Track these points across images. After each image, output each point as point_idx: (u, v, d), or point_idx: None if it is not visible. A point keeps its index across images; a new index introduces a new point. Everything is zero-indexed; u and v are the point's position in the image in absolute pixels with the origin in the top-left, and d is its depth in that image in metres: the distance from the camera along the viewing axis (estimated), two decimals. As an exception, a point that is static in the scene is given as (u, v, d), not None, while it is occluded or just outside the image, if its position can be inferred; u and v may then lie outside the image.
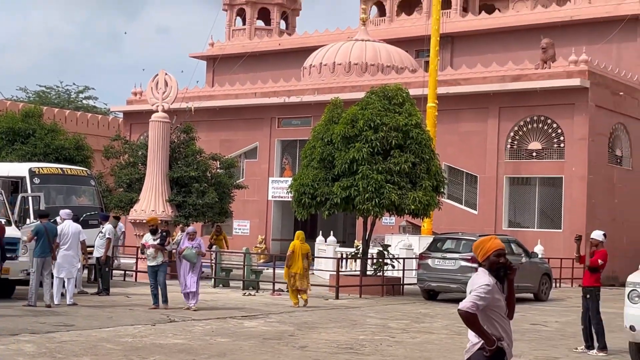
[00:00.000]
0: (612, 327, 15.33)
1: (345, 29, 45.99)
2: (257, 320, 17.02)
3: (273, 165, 41.16)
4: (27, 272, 19.50)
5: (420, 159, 23.68)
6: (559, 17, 39.82)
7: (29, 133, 32.26)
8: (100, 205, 24.61)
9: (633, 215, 35.48)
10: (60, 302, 18.06)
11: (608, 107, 34.69)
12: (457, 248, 22.84)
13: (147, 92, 30.01)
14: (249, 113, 41.61)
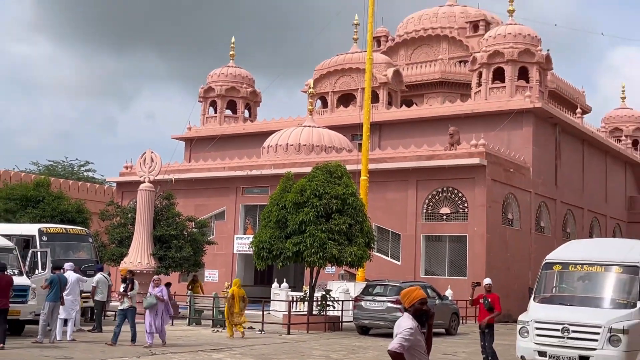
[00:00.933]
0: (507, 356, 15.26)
1: (296, 117, 46.23)
2: (223, 353, 16.75)
3: (238, 225, 40.97)
4: (35, 313, 19.10)
5: (355, 221, 23.75)
6: (462, 110, 40.47)
7: (39, 199, 32.03)
8: (97, 258, 24.37)
9: (521, 265, 35.88)
10: (62, 338, 17.57)
11: (501, 180, 35.18)
12: (385, 292, 22.81)
13: (136, 167, 29.77)
14: (219, 183, 41.58)
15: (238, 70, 52.12)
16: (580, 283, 12.50)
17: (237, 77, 51.69)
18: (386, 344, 19.57)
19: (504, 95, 40.37)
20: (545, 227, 40.06)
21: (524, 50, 40.64)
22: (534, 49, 40.94)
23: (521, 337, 12.32)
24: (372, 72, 36.04)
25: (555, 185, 40.87)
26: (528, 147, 38.48)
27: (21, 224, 25.57)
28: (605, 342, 11.21)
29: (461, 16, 53.12)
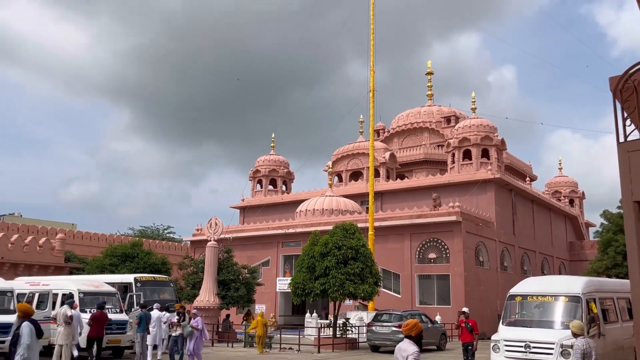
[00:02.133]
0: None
1: (320, 189, 46.41)
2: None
3: (279, 270, 40.71)
4: (131, 341, 19.00)
5: (365, 265, 23.54)
6: (441, 181, 40.50)
7: (134, 255, 32.18)
8: (176, 298, 24.18)
9: (491, 296, 35.26)
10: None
11: (473, 232, 34.89)
12: (390, 319, 22.42)
13: (204, 229, 29.82)
14: (265, 239, 41.53)
15: (277, 157, 52.73)
16: (537, 310, 12.28)
17: (277, 161, 52.25)
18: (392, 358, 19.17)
19: (471, 170, 40.44)
20: (508, 266, 39.44)
21: (484, 137, 40.88)
22: (492, 135, 41.17)
23: (494, 352, 12.06)
24: (374, 156, 36.31)
25: (513, 235, 40.38)
26: (491, 207, 38.26)
27: (121, 274, 25.68)
28: (558, 355, 10.99)
29: (437, 113, 53.79)
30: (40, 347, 9.80)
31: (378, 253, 31.60)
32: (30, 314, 9.35)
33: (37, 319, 18.17)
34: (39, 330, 9.21)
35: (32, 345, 8.98)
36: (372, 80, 33.09)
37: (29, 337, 8.92)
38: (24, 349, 8.89)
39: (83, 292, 19.10)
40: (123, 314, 19.40)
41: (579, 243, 51.46)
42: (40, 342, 18.07)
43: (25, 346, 8.91)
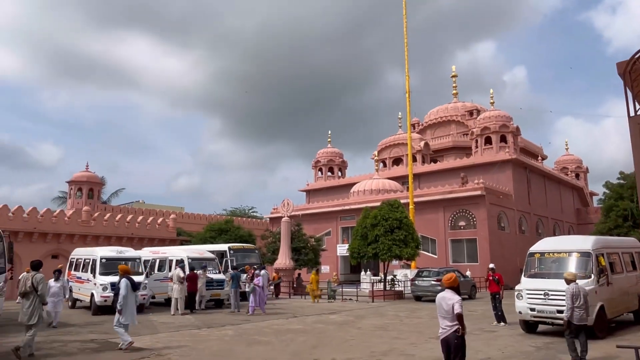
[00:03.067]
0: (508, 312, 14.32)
1: (368, 174, 45.85)
2: (335, 315, 16.38)
3: (338, 239, 40.62)
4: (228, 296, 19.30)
5: (408, 233, 22.98)
6: (468, 163, 39.22)
7: (227, 230, 32.65)
8: (260, 262, 24.42)
9: (511, 255, 33.91)
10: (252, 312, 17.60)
11: (495, 203, 33.66)
12: (429, 275, 21.99)
13: (279, 208, 30.07)
14: (326, 215, 41.42)
15: (333, 149, 52.40)
16: (553, 264, 11.64)
17: (333, 153, 51.95)
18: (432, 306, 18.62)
19: (492, 153, 38.91)
20: (525, 230, 37.84)
21: (502, 125, 39.18)
22: (508, 124, 39.41)
23: (518, 299, 11.53)
24: (412, 145, 35.50)
25: (529, 204, 38.68)
26: (510, 183, 36.74)
27: (218, 244, 26.21)
28: (573, 301, 10.36)
29: (462, 108, 51.92)
30: (136, 298, 10.20)
31: (417, 223, 30.93)
32: (129, 272, 9.90)
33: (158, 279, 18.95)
34: (134, 284, 9.79)
35: (128, 296, 9.56)
36: (407, 84, 32.29)
37: (125, 289, 9.56)
38: (121, 298, 9.54)
39: (191, 258, 19.59)
40: (221, 274, 19.77)
41: (584, 209, 48.82)
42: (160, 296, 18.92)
43: (122, 296, 9.53)
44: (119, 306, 9.50)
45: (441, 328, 5.75)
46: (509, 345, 10.23)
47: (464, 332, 5.51)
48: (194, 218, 46.18)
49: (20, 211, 26.41)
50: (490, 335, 11.61)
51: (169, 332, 12.23)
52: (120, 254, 18.07)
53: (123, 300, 9.54)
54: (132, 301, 9.76)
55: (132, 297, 9.78)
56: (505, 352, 9.45)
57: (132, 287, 9.71)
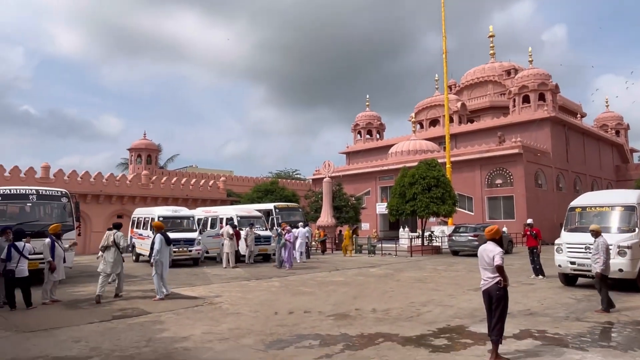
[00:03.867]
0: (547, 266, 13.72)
1: (405, 135, 44.71)
2: (376, 269, 16.23)
3: (377, 198, 40.23)
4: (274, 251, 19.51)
5: (445, 191, 22.35)
6: (505, 122, 37.35)
7: (273, 190, 32.83)
8: (304, 220, 24.47)
9: (548, 212, 32.53)
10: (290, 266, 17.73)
11: (532, 161, 32.12)
12: (466, 230, 21.40)
13: (321, 170, 29.85)
14: (365, 175, 40.98)
15: (371, 112, 51.32)
16: (595, 218, 10.88)
17: (371, 116, 50.89)
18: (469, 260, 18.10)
19: (530, 111, 36.85)
20: (563, 187, 36.07)
21: (541, 83, 36.87)
22: (547, 81, 37.03)
23: (557, 253, 10.93)
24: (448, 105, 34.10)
25: (567, 162, 36.68)
26: (548, 141, 34.83)
27: (265, 204, 26.38)
28: (615, 254, 9.71)
29: (499, 68, 49.13)
30: (170, 252, 10.26)
31: (454, 181, 29.97)
32: (162, 228, 9.99)
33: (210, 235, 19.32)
34: (168, 239, 9.91)
35: (162, 250, 9.68)
36: (444, 45, 30.64)
37: (159, 244, 9.64)
38: (155, 252, 9.63)
39: (240, 216, 19.85)
40: (267, 231, 19.96)
41: (624, 166, 45.96)
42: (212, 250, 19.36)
43: (156, 250, 9.66)
44: (152, 260, 9.64)
45: (482, 280, 5.41)
46: (548, 297, 9.76)
47: (506, 284, 5.15)
48: (242, 180, 46.88)
49: (87, 176, 27.47)
50: (528, 287, 11.14)
51: (220, 283, 12.47)
52: (176, 212, 18.51)
53: (158, 254, 9.66)
54: (166, 255, 9.90)
55: (166, 251, 9.91)
56: (545, 303, 9.00)
57: (166, 242, 9.84)
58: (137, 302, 9.42)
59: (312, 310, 8.48)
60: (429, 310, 8.48)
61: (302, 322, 7.50)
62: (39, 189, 12.74)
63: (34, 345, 6.19)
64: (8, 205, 12.48)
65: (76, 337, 6.61)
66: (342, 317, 7.89)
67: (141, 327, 7.19)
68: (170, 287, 10.88)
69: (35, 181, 23.47)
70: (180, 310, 8.60)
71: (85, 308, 8.88)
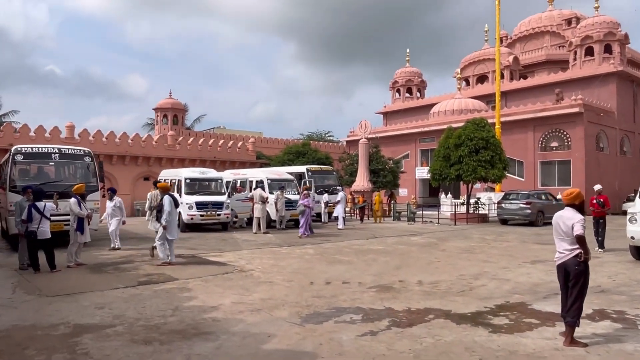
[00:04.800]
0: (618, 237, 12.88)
1: (449, 94, 43.04)
2: (417, 237, 15.78)
3: (417, 162, 39.31)
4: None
5: (495, 153, 21.37)
6: (564, 77, 35.14)
7: (305, 152, 32.56)
8: (339, 184, 24.08)
9: (610, 178, 30.79)
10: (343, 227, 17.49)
11: (594, 121, 30.26)
12: (517, 197, 20.45)
13: (357, 130, 29.16)
14: (404, 137, 39.97)
15: (411, 68, 49.49)
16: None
17: (411, 72, 49.14)
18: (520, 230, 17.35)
19: (593, 65, 34.48)
20: (627, 151, 34.06)
21: (607, 33, 34.24)
22: (615, 31, 34.34)
23: (630, 223, 10.12)
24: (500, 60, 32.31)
25: (634, 122, 34.52)
26: (613, 99, 32.70)
27: (297, 166, 26.10)
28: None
29: (558, 16, 45.96)
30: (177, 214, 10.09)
31: (504, 144, 28.37)
32: (168, 189, 9.87)
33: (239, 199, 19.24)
34: (176, 201, 9.77)
35: (172, 212, 9.51)
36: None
37: (169, 205, 9.44)
38: (166, 214, 9.43)
39: (270, 179, 19.64)
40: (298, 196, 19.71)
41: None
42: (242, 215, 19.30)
43: (167, 212, 9.41)
44: (164, 222, 9.43)
45: (558, 252, 4.85)
46: (619, 272, 9.07)
47: (587, 257, 4.58)
48: (272, 142, 46.69)
49: (113, 136, 27.82)
50: (595, 261, 10.42)
51: (251, 249, 12.34)
52: (203, 174, 18.44)
53: (168, 217, 9.47)
54: (175, 217, 9.77)
55: (175, 214, 9.78)
56: (617, 279, 8.34)
57: (175, 204, 9.69)
58: (164, 268, 9.36)
59: (351, 281, 8.17)
60: (483, 284, 8.00)
61: (341, 294, 7.18)
62: (61, 148, 12.77)
63: (56, 310, 6.13)
64: (31, 165, 12.60)
65: (100, 303, 6.52)
66: (385, 290, 7.53)
67: (167, 295, 7.06)
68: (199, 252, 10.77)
69: (60, 141, 23.88)
70: (208, 277, 8.46)
71: (110, 272, 8.87)
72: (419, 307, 6.44)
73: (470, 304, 6.56)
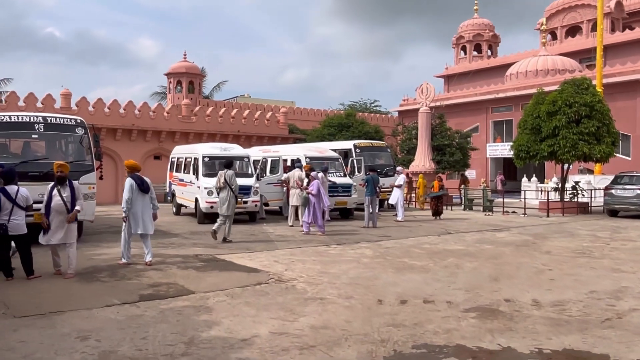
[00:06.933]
0: None
1: (530, 50, 40.64)
2: (504, 233, 14.27)
3: (488, 136, 37.39)
4: (356, 203, 18.20)
5: (602, 124, 19.44)
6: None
7: (349, 125, 31.28)
8: (394, 163, 22.61)
9: None
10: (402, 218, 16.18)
11: None
12: (632, 182, 18.56)
13: (416, 95, 27.41)
14: (472, 106, 38.12)
15: (481, 20, 47.18)
16: None
17: (481, 25, 46.76)
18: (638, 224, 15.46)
19: None
20: None
21: None
22: None
23: None
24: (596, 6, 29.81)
25: None
26: None
27: (341, 142, 24.80)
28: None
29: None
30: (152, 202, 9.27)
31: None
32: (137, 169, 9.19)
33: (271, 182, 18.12)
34: (143, 185, 9.03)
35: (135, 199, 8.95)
36: None
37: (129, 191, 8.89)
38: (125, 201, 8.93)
39: (309, 157, 18.46)
40: (347, 178, 18.52)
41: None
42: (274, 202, 18.24)
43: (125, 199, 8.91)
44: (123, 213, 8.99)
45: None
46: None
47: None
48: (307, 114, 45.44)
49: (116, 106, 27.21)
50: None
51: (289, 248, 11.18)
52: (225, 151, 17.45)
53: (129, 204, 8.91)
54: (140, 207, 9.00)
55: (141, 201, 9.01)
56: None
57: (140, 188, 8.95)
58: (176, 274, 8.28)
59: (435, 299, 6.83)
60: (633, 307, 6.50)
61: (427, 320, 5.86)
62: (47, 116, 11.88)
63: (20, 342, 5.06)
64: (10, 139, 11.78)
65: (84, 330, 5.43)
66: (489, 314, 6.15)
67: (179, 317, 5.91)
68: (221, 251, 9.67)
69: (55, 112, 23.38)
70: (235, 289, 7.30)
71: (105, 281, 7.84)
72: (554, 346, 5.02)
73: (635, 345, 5.09)
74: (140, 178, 9.11)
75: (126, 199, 8.88)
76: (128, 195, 8.87)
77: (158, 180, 26.85)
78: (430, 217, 18.27)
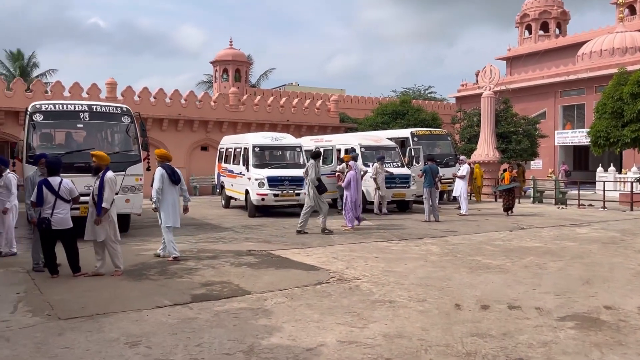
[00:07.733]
0: None
1: (605, 27, 38.55)
2: (585, 229, 13.38)
3: (557, 123, 35.79)
4: (415, 195, 17.57)
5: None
6: None
7: (404, 112, 30.50)
8: (454, 152, 21.72)
9: None
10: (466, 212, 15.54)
11: None
12: None
13: (479, 78, 26.28)
14: (538, 90, 36.52)
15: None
16: None
17: (549, 1, 44.72)
18: None
19: None
20: None
21: None
22: None
23: None
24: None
25: None
26: None
27: (397, 130, 24.12)
28: None
29: None
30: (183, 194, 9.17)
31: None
32: (168, 159, 9.10)
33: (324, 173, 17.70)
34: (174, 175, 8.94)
35: (165, 190, 8.84)
36: None
37: (159, 181, 8.79)
38: (155, 191, 8.82)
39: (364, 146, 17.98)
40: (405, 168, 17.92)
41: None
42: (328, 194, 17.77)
43: (155, 189, 8.80)
44: (154, 205, 8.89)
45: None
46: None
47: None
48: (358, 102, 44.82)
49: (162, 95, 27.39)
50: None
51: (347, 243, 10.75)
52: (277, 141, 17.20)
53: (159, 194, 8.79)
54: (170, 199, 8.88)
55: (172, 192, 8.89)
56: None
57: (171, 179, 8.79)
58: (229, 272, 7.97)
59: (521, 304, 6.23)
60: None
61: (517, 330, 5.28)
62: (92, 105, 11.84)
63: (65, 348, 4.79)
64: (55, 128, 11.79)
65: (134, 334, 5.14)
66: (590, 324, 5.52)
67: (235, 321, 5.55)
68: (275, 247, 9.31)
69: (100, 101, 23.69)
70: (294, 290, 6.91)
71: (154, 279, 7.61)
72: (681, 367, 4.37)
73: None
74: (172, 168, 8.99)
75: (156, 188, 8.74)
76: (159, 184, 8.75)
77: (206, 172, 27.04)
78: (495, 209, 17.46)
